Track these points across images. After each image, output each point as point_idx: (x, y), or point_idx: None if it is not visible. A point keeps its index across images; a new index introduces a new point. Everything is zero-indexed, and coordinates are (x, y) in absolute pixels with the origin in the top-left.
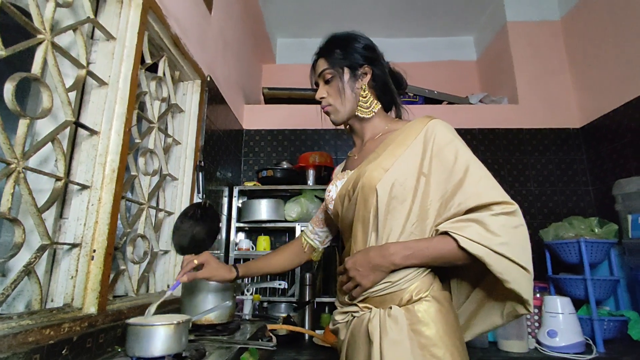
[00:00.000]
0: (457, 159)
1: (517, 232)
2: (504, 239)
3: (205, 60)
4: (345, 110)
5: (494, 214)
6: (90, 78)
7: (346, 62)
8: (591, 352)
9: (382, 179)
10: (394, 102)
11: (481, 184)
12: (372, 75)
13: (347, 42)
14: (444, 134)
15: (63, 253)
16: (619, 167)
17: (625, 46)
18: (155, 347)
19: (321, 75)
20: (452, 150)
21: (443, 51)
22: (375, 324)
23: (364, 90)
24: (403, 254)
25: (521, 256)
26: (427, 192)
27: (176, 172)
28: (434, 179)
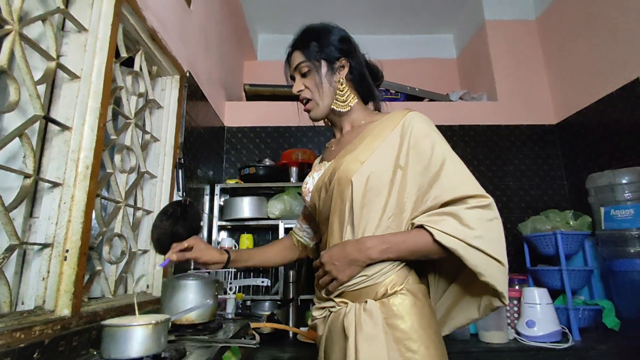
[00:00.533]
0: (433, 152)
1: (492, 225)
2: (478, 232)
3: (184, 56)
4: (324, 104)
5: (469, 207)
6: (61, 71)
7: (323, 55)
8: (567, 340)
9: (358, 171)
10: (371, 94)
11: (457, 177)
12: (349, 67)
13: (323, 34)
14: (421, 127)
15: (34, 254)
16: (592, 162)
17: (596, 46)
18: (132, 348)
19: (297, 68)
20: (429, 142)
21: (423, 48)
22: (351, 319)
23: (341, 84)
24: (380, 248)
25: (496, 249)
26: (403, 185)
27: (155, 170)
28: (411, 172)
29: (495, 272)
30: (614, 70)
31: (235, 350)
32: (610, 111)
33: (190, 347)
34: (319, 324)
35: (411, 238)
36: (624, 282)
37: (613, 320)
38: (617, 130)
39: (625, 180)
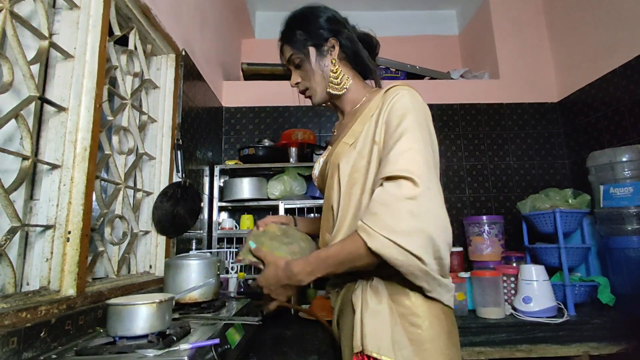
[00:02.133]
0: (399, 125)
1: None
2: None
3: (179, 34)
4: (320, 89)
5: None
6: (54, 51)
7: (310, 42)
8: (563, 315)
9: (345, 155)
10: (368, 68)
11: (404, 154)
12: (339, 46)
13: (307, 20)
14: (397, 100)
15: (36, 235)
16: (593, 140)
17: (602, 22)
18: (138, 326)
19: (290, 61)
20: (399, 115)
21: (425, 25)
22: (358, 294)
23: (334, 65)
24: (306, 271)
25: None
26: (377, 161)
27: (153, 151)
28: (381, 146)
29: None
30: (618, 47)
31: (239, 327)
32: (612, 89)
33: (194, 324)
34: (332, 297)
35: (335, 251)
36: (620, 259)
37: (608, 296)
38: (618, 108)
39: (625, 158)
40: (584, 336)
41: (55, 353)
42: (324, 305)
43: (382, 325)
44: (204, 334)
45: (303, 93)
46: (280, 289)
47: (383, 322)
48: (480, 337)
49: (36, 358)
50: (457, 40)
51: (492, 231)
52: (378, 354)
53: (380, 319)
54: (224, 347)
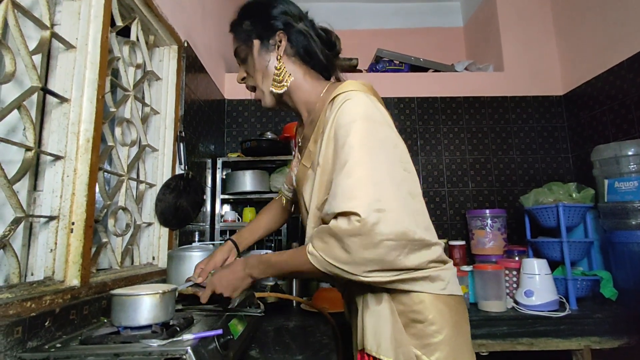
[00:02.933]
0: (343, 147)
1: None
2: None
3: (182, 25)
4: (266, 90)
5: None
6: (56, 42)
7: (254, 34)
8: (564, 309)
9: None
10: (323, 66)
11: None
12: (288, 41)
13: (257, 10)
14: (342, 116)
15: (40, 226)
16: (598, 134)
17: (609, 14)
18: (142, 316)
19: (236, 54)
20: (343, 135)
21: (429, 17)
22: (359, 295)
23: (278, 62)
24: (259, 269)
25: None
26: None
27: (156, 143)
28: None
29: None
30: (626, 39)
31: (242, 319)
32: (619, 82)
33: (197, 315)
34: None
35: (285, 259)
36: (624, 253)
37: (611, 290)
38: (625, 102)
39: (631, 152)
40: (586, 330)
41: (60, 342)
42: (326, 297)
43: (382, 325)
44: (207, 325)
45: (253, 92)
46: (233, 288)
47: (383, 322)
48: (482, 330)
49: (41, 347)
50: (462, 32)
51: (494, 225)
52: (377, 353)
53: (380, 319)
54: (226, 337)
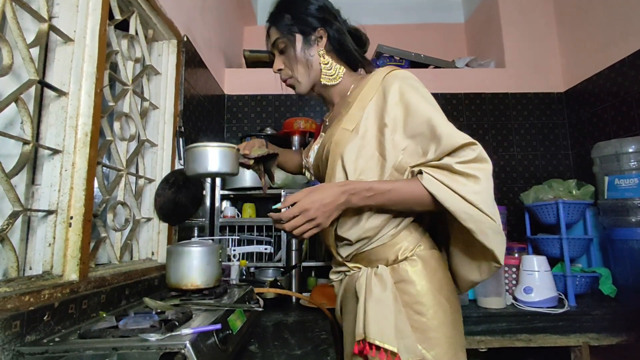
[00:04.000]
0: (419, 105)
1: (485, 177)
2: (472, 185)
3: (181, 19)
4: (305, 80)
5: (464, 160)
6: (54, 34)
7: (297, 28)
8: (563, 306)
9: (348, 141)
10: (357, 60)
11: (449, 128)
12: (327, 38)
13: (298, 5)
14: (402, 82)
15: (38, 220)
16: (598, 131)
17: (611, 10)
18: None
19: (275, 45)
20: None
21: (430, 13)
22: (362, 282)
23: (323, 57)
24: (364, 195)
25: (489, 205)
26: (395, 143)
27: (155, 138)
28: (400, 128)
29: (486, 229)
30: (628, 36)
31: (241, 314)
32: (621, 79)
33: (196, 310)
34: (335, 285)
35: (398, 187)
36: (623, 250)
37: (609, 287)
38: (626, 99)
39: (631, 149)
40: (584, 327)
41: (59, 336)
42: (324, 293)
43: (386, 313)
44: (206, 320)
45: (285, 81)
46: (332, 210)
47: (387, 310)
48: (481, 327)
49: (39, 341)
50: (463, 28)
51: None
52: (381, 341)
53: (384, 307)
54: (225, 332)
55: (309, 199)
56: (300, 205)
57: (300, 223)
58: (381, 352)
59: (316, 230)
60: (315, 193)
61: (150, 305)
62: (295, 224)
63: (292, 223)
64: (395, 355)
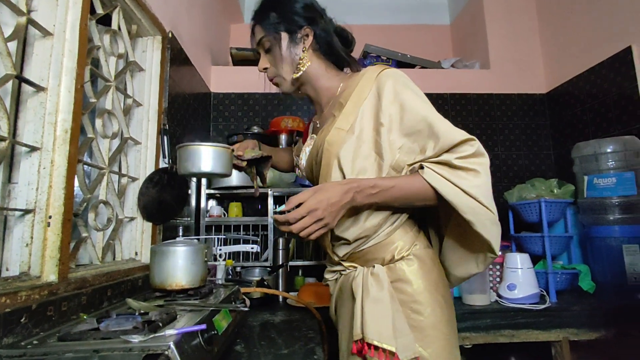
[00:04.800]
0: (414, 104)
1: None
2: (472, 179)
3: (166, 15)
4: (289, 78)
5: (463, 155)
6: (33, 28)
7: (283, 27)
8: (545, 302)
9: (343, 141)
10: (343, 60)
11: (446, 125)
12: (313, 36)
13: (283, 3)
14: (396, 82)
15: (15, 220)
16: (578, 132)
17: (592, 14)
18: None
19: (260, 44)
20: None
21: (417, 14)
22: (359, 282)
23: (304, 53)
24: (369, 192)
25: (487, 198)
26: (392, 141)
27: (138, 136)
28: (395, 127)
29: (484, 220)
30: (608, 39)
31: (226, 314)
32: (600, 81)
33: (180, 311)
34: (330, 284)
35: (400, 183)
36: (601, 247)
37: (589, 284)
38: (605, 101)
39: (609, 149)
40: (564, 322)
41: (37, 339)
42: (312, 292)
43: (383, 312)
44: (191, 320)
45: (271, 80)
46: (336, 211)
47: (384, 310)
48: (466, 323)
49: (17, 344)
50: (449, 30)
51: None
52: (379, 341)
53: (382, 307)
54: (210, 332)
55: (316, 199)
56: (308, 205)
57: (308, 224)
58: (380, 351)
59: (324, 231)
60: (321, 193)
61: (133, 306)
62: (303, 225)
63: (299, 225)
64: (394, 354)
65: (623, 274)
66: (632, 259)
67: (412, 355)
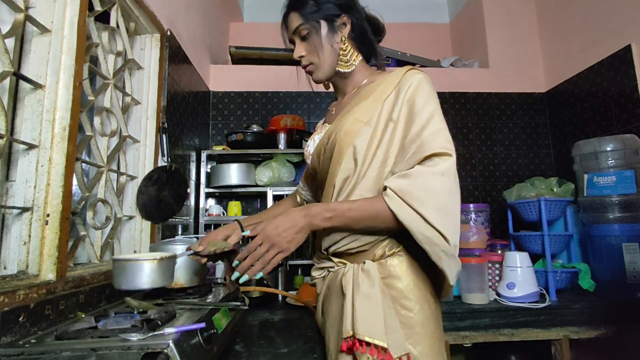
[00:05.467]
0: (425, 107)
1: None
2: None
3: (164, 13)
4: (327, 67)
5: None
6: (30, 25)
7: (322, 14)
8: (545, 300)
9: (360, 132)
10: (373, 51)
11: (436, 134)
12: (350, 24)
13: None
14: (417, 83)
15: (13, 218)
16: (578, 130)
17: (591, 13)
18: (142, 280)
19: (296, 31)
20: (423, 98)
21: (417, 12)
22: (349, 278)
23: (344, 43)
24: (324, 216)
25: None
26: (391, 138)
27: (137, 134)
28: (400, 124)
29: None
30: (607, 37)
31: (225, 312)
32: (599, 80)
33: (180, 309)
34: (318, 282)
35: (360, 204)
36: (601, 246)
37: (588, 282)
38: (604, 99)
39: (609, 147)
40: (565, 321)
41: (35, 338)
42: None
43: (375, 308)
44: (190, 319)
45: (305, 67)
46: (293, 234)
47: (375, 306)
48: (465, 322)
49: (15, 342)
50: (448, 29)
51: (478, 219)
52: (370, 337)
53: (373, 303)
54: (210, 331)
55: (271, 226)
56: (262, 234)
57: (263, 251)
58: (371, 348)
59: (282, 256)
60: (276, 220)
61: (131, 304)
62: (259, 253)
63: (255, 253)
64: (386, 350)
65: (623, 273)
66: (632, 257)
67: (402, 352)
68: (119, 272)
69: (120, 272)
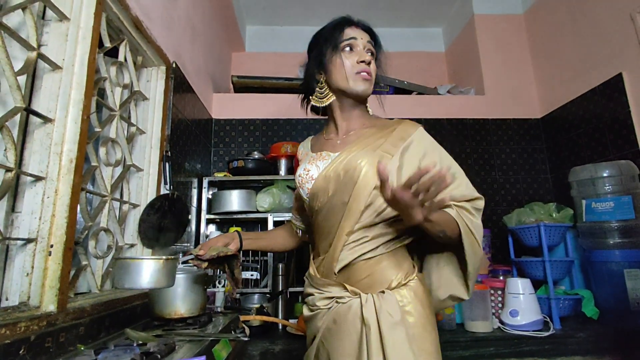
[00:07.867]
0: (441, 159)
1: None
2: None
3: (170, 46)
4: (371, 87)
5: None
6: (42, 62)
7: (378, 50)
8: (549, 329)
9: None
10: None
11: (466, 179)
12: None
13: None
14: (430, 142)
15: (17, 249)
16: (575, 155)
17: (582, 41)
18: (144, 280)
19: (373, 48)
20: (438, 152)
21: (412, 42)
22: (371, 308)
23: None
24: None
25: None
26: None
27: (141, 163)
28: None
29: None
30: (598, 65)
31: (226, 344)
32: (592, 106)
33: (179, 341)
34: (318, 314)
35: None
36: (602, 272)
37: (592, 309)
38: (598, 125)
39: (606, 173)
40: (570, 350)
41: None
42: None
43: (403, 338)
44: (190, 351)
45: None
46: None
47: (402, 335)
48: (470, 352)
49: None
50: (444, 57)
51: None
52: None
53: (399, 332)
54: None
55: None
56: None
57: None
58: None
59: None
60: None
61: (131, 336)
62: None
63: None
64: None
65: (626, 299)
66: (634, 283)
67: None
68: (122, 271)
69: (123, 270)
